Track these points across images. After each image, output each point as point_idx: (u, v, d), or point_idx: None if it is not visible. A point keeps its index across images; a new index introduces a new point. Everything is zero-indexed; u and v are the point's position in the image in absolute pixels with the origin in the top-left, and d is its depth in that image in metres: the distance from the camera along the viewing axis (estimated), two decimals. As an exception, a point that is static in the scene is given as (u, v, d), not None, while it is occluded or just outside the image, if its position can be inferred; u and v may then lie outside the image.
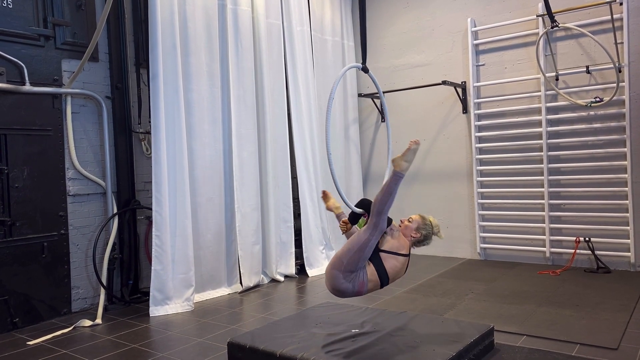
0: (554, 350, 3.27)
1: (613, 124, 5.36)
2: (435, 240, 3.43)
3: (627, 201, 5.27)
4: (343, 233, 3.40)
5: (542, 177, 5.74)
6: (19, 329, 4.17)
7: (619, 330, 3.56)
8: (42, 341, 3.87)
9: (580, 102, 5.40)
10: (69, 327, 4.16)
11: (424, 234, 3.23)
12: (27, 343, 3.84)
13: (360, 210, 3.29)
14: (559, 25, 5.17)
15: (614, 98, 5.20)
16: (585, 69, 5.46)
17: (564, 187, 5.66)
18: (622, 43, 5.25)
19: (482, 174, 6.22)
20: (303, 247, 5.90)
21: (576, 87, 5.57)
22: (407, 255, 3.15)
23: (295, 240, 5.87)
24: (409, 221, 3.25)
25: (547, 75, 5.59)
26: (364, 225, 3.10)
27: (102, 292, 4.58)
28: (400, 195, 6.87)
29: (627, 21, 5.21)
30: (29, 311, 4.28)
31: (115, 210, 4.88)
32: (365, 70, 3.67)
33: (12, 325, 4.16)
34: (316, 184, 6.12)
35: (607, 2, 5.11)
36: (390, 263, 3.07)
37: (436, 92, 6.48)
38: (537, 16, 5.66)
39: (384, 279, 3.07)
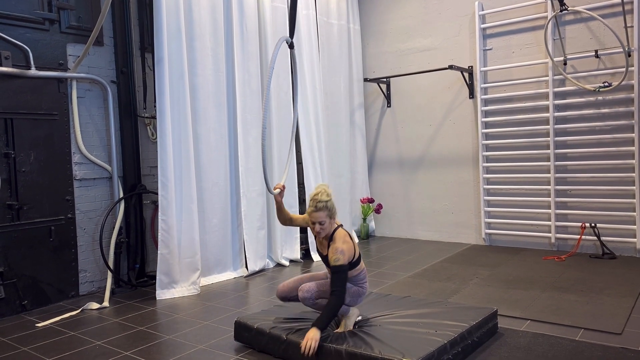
0: (558, 335, 3.28)
1: (621, 109, 5.31)
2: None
3: (634, 187, 5.24)
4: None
5: (549, 163, 5.71)
6: (28, 311, 4.23)
7: (624, 316, 3.57)
8: (51, 323, 3.92)
9: (588, 87, 5.35)
10: (76, 309, 4.22)
11: (333, 211, 3.12)
12: (36, 325, 3.89)
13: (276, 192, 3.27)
14: (568, 9, 5.09)
15: (623, 83, 5.14)
16: (594, 54, 5.40)
17: (570, 173, 5.63)
18: (632, 27, 5.17)
19: (488, 159, 6.19)
20: (308, 232, 5.92)
21: (584, 71, 5.51)
22: (349, 241, 3.10)
23: (301, 225, 5.89)
24: (321, 225, 3.09)
25: (555, 59, 5.53)
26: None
27: (109, 275, 4.63)
28: (406, 181, 6.89)
29: (637, 4, 5.12)
30: (37, 294, 4.34)
31: (121, 195, 4.91)
32: (291, 46, 3.59)
33: (21, 308, 4.22)
34: (321, 170, 6.12)
35: (617, -15, 5.03)
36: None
37: (443, 77, 6.43)
38: (545, -1, 5.59)
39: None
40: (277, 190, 3.29)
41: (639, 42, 5.15)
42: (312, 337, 2.87)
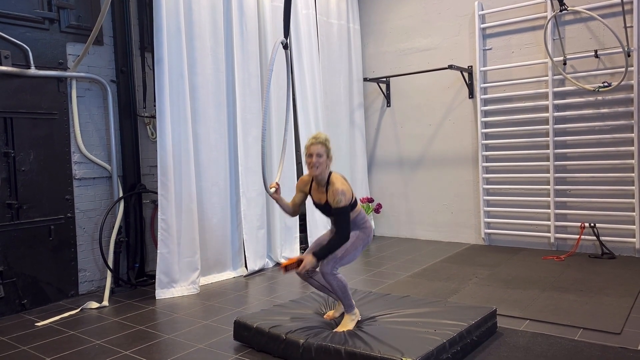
0: (557, 335, 3.29)
1: (621, 109, 5.31)
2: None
3: (634, 187, 5.24)
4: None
5: (548, 163, 5.71)
6: (27, 311, 4.24)
7: (623, 315, 3.57)
8: (50, 322, 3.93)
9: (588, 87, 5.35)
10: (76, 309, 4.22)
11: (330, 152, 3.20)
12: (35, 324, 3.90)
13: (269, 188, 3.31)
14: (568, 9, 5.10)
15: (622, 83, 5.15)
16: (593, 53, 5.40)
17: (569, 173, 5.64)
18: (631, 27, 5.17)
19: (487, 159, 6.19)
20: (307, 231, 5.93)
21: (584, 71, 5.51)
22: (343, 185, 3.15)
23: (300, 225, 5.90)
24: (318, 157, 3.13)
25: (554, 59, 5.54)
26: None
27: (109, 274, 4.63)
28: (405, 181, 6.90)
29: (637, 4, 5.12)
30: (37, 293, 4.34)
31: (121, 194, 4.91)
32: (285, 47, 3.63)
33: (20, 307, 4.22)
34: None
35: (617, -15, 5.04)
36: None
37: (442, 77, 6.43)
38: (545, -1, 5.59)
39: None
40: (273, 189, 3.31)
41: (638, 42, 5.16)
42: (307, 261, 3.07)
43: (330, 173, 3.22)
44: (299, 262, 3.14)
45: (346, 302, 3.21)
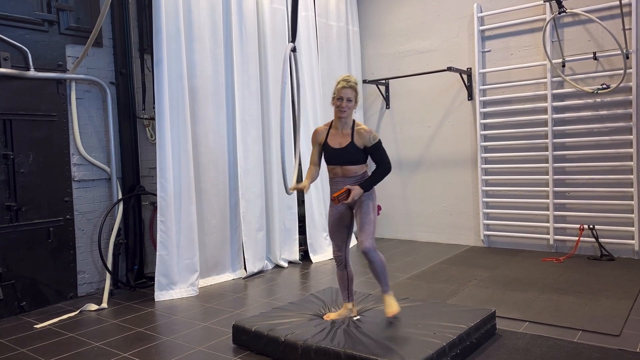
0: (556, 337, 3.29)
1: (619, 111, 5.32)
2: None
3: (632, 189, 5.25)
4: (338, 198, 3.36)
5: (547, 165, 5.72)
6: (26, 313, 4.23)
7: (622, 317, 3.57)
8: (49, 325, 3.92)
9: (586, 89, 5.36)
10: (75, 311, 4.21)
11: (358, 98, 3.31)
12: (34, 326, 3.89)
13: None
14: (567, 11, 5.11)
15: (621, 85, 5.16)
16: (592, 56, 5.41)
17: (568, 175, 5.64)
18: (630, 29, 5.19)
19: (486, 161, 6.20)
20: (307, 233, 5.92)
21: (583, 73, 5.52)
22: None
23: (299, 226, 5.89)
24: (348, 102, 3.23)
25: (553, 61, 5.55)
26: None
27: (108, 276, 4.62)
28: (404, 183, 6.90)
29: (635, 7, 5.14)
30: (35, 295, 4.33)
31: (120, 196, 4.91)
32: (293, 50, 3.67)
33: (19, 309, 4.21)
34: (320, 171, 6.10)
35: (615, -13, 5.05)
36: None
37: (441, 79, 6.44)
38: (544, 1, 5.59)
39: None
40: (292, 192, 3.42)
41: (636, 44, 5.17)
42: (356, 191, 3.18)
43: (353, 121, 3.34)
44: (348, 192, 3.21)
45: (386, 281, 3.30)
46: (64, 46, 4.60)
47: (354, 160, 3.29)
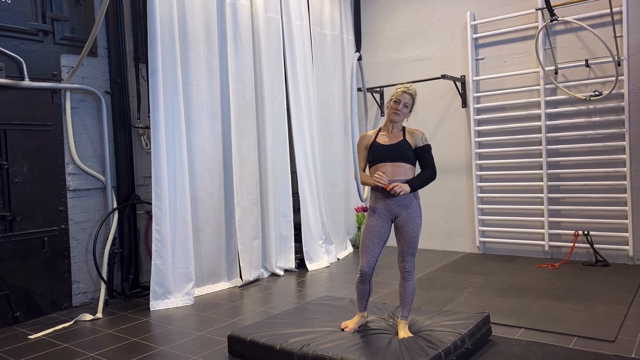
0: (552, 343, 3.29)
1: (612, 117, 5.36)
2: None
3: (626, 195, 5.28)
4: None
5: (542, 171, 5.75)
6: (20, 323, 4.20)
7: (617, 323, 3.58)
8: (43, 335, 3.89)
9: (579, 95, 5.41)
10: (69, 321, 4.19)
11: (413, 106, 3.38)
12: (29, 337, 3.86)
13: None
14: (558, 19, 5.17)
15: (613, 92, 5.20)
16: (584, 63, 5.46)
17: (563, 181, 5.67)
18: (621, 36, 5.24)
19: (481, 167, 6.23)
20: (303, 241, 5.92)
21: (575, 80, 5.57)
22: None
23: (295, 234, 5.89)
24: (405, 107, 3.30)
25: (546, 69, 5.59)
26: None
27: (103, 286, 4.60)
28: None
29: (626, 14, 5.20)
30: (30, 305, 4.31)
31: (115, 205, 4.90)
32: (359, 58, 3.76)
33: (13, 320, 4.18)
34: (316, 179, 6.13)
35: (606, -4, 5.10)
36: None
37: (435, 86, 6.48)
38: (536, 10, 5.65)
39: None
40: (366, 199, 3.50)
41: (628, 51, 5.22)
42: (402, 188, 3.15)
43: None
44: (398, 186, 3.18)
45: (410, 307, 3.26)
46: (58, 56, 4.61)
47: (406, 157, 3.26)
